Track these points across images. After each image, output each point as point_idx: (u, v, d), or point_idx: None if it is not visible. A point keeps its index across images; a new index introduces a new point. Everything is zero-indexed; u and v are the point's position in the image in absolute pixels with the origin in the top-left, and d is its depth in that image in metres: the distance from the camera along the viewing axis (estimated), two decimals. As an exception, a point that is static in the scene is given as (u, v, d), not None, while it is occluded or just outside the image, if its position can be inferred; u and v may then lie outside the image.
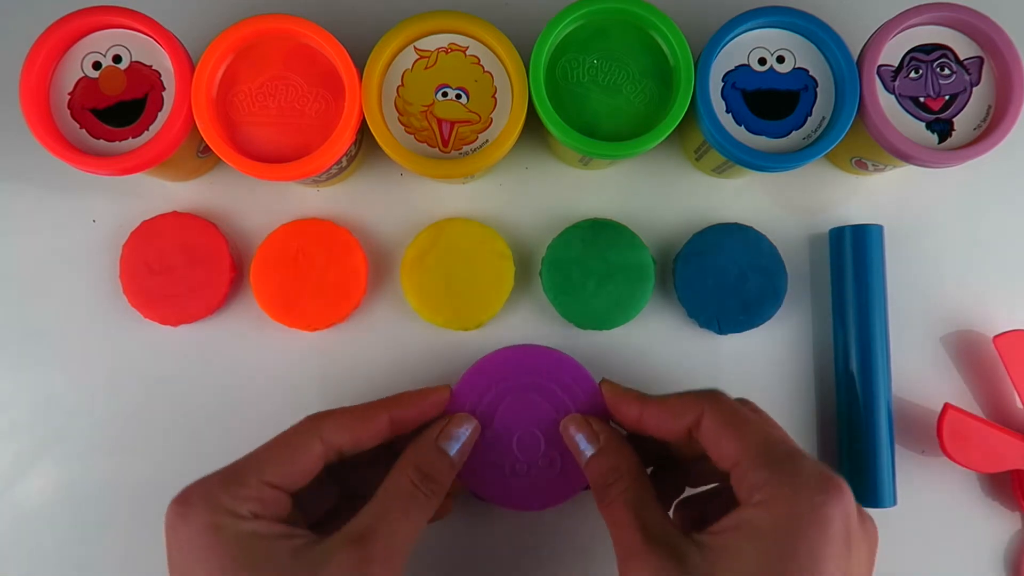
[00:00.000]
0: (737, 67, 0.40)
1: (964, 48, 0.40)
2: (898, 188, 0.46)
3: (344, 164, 0.41)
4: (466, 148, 0.39)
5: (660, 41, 0.39)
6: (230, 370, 0.44)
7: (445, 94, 0.39)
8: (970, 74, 0.40)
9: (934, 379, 0.45)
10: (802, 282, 0.45)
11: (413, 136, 0.39)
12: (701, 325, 0.43)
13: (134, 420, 0.44)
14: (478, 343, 0.44)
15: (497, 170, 0.45)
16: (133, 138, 0.39)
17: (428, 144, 0.39)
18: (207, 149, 0.41)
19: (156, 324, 0.43)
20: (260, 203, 0.45)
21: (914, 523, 0.43)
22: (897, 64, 0.40)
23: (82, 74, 0.39)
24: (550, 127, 0.38)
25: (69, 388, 0.44)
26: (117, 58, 0.39)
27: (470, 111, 0.39)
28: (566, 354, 0.38)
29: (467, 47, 0.40)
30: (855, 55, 0.39)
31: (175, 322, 0.43)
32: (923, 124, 0.40)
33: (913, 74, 0.40)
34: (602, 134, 0.39)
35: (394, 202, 0.45)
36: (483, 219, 0.44)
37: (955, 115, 0.40)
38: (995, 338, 0.43)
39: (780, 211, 0.46)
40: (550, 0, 0.40)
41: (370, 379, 0.44)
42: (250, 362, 0.44)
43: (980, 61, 0.40)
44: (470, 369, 0.38)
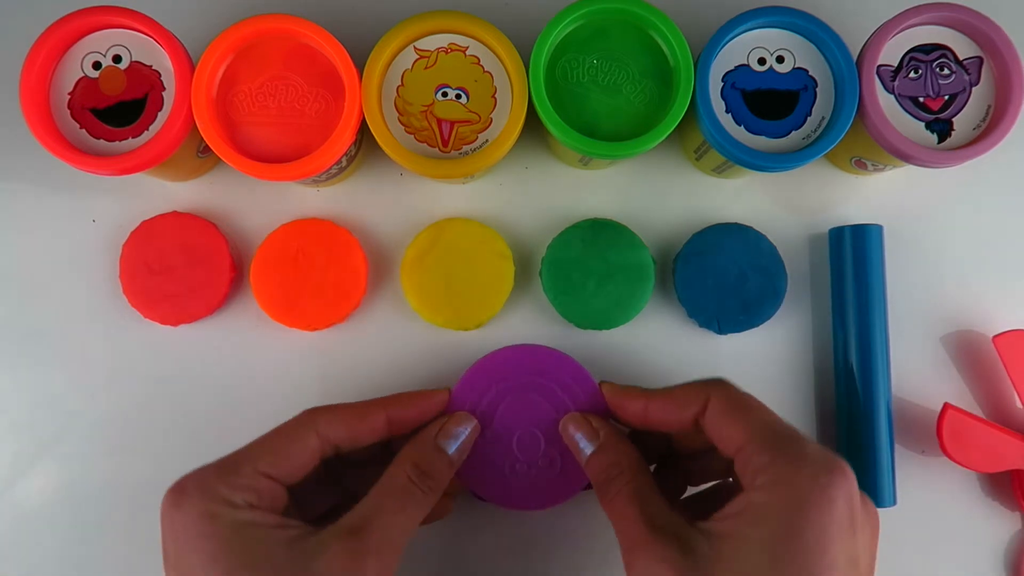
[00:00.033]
0: (737, 67, 0.40)
1: (964, 48, 0.40)
2: (898, 188, 0.46)
3: (344, 164, 0.41)
4: (466, 148, 0.39)
5: (660, 41, 0.39)
6: (230, 370, 0.44)
7: (445, 94, 0.39)
8: (969, 74, 0.40)
9: (934, 379, 0.45)
10: (802, 282, 0.45)
11: (413, 136, 0.39)
12: (701, 325, 0.43)
13: (134, 420, 0.44)
14: (478, 343, 0.44)
15: (497, 170, 0.45)
16: (133, 138, 0.39)
17: (428, 144, 0.39)
18: (207, 149, 0.41)
19: (156, 324, 0.43)
20: (260, 203, 0.45)
21: (914, 523, 0.43)
22: (897, 64, 0.40)
23: (82, 74, 0.39)
24: (550, 127, 0.38)
25: (69, 388, 0.44)
26: (117, 58, 0.39)
27: (470, 111, 0.39)
28: (566, 354, 0.38)
29: (467, 47, 0.40)
30: (855, 55, 0.39)
31: (175, 322, 0.43)
32: (923, 124, 0.40)
33: (912, 74, 0.40)
34: (602, 134, 0.39)
35: (394, 202, 0.45)
36: (483, 219, 0.44)
37: (955, 115, 0.40)
38: (995, 338, 0.43)
39: (780, 211, 0.46)
40: (550, 0, 0.40)
41: (370, 379, 0.44)
42: (250, 362, 0.44)
43: (980, 61, 0.40)
44: (470, 369, 0.38)
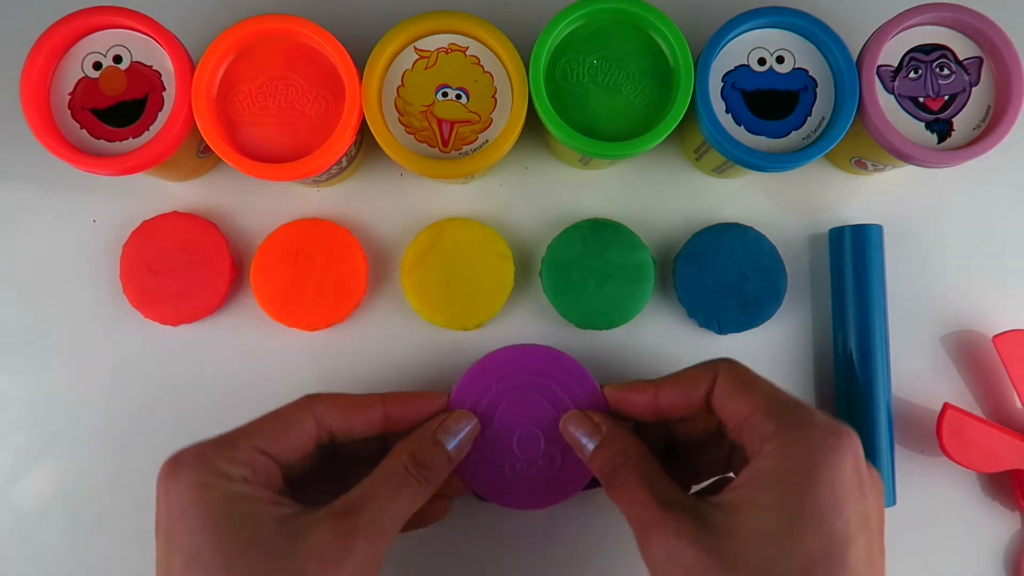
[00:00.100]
0: (737, 67, 0.40)
1: (963, 48, 0.40)
2: (898, 188, 0.46)
3: (344, 164, 0.41)
4: (466, 148, 0.39)
5: (660, 41, 0.39)
6: (230, 370, 0.44)
7: (445, 94, 0.39)
8: (969, 74, 0.40)
9: (934, 379, 0.45)
10: (802, 282, 0.45)
11: (413, 136, 0.39)
12: (701, 325, 0.43)
13: (134, 420, 0.44)
14: (478, 343, 0.44)
15: (497, 170, 0.45)
16: (133, 138, 0.39)
17: (428, 144, 0.39)
18: (207, 149, 0.41)
19: (156, 324, 0.43)
20: (260, 203, 0.45)
21: (914, 523, 0.43)
22: (896, 64, 0.40)
23: (82, 74, 0.39)
24: (550, 127, 0.38)
25: (69, 388, 0.44)
26: (117, 58, 0.39)
27: (470, 111, 0.39)
28: (566, 354, 0.38)
29: (467, 47, 0.40)
30: (855, 55, 0.39)
31: (175, 322, 0.43)
32: (923, 124, 0.40)
33: (912, 74, 0.40)
34: (602, 134, 0.39)
35: (394, 202, 0.45)
36: (483, 219, 0.44)
37: (954, 115, 0.40)
38: (995, 338, 0.43)
39: (780, 211, 0.46)
40: (550, 0, 0.40)
41: (370, 379, 0.44)
42: (250, 362, 0.44)
43: (979, 61, 0.40)
44: (470, 369, 0.38)
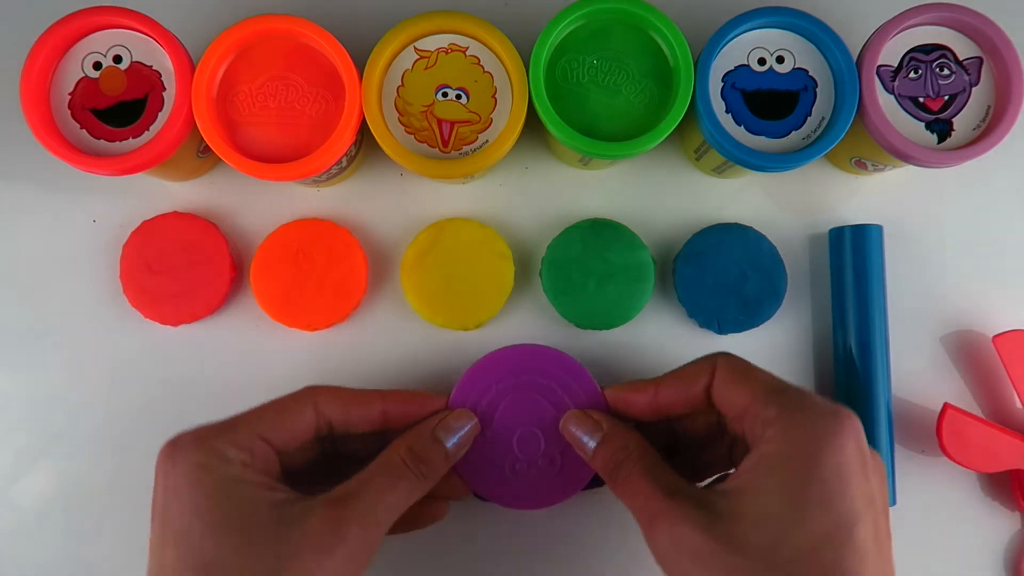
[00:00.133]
0: (737, 67, 0.40)
1: (963, 48, 0.40)
2: (898, 188, 0.46)
3: (344, 164, 0.41)
4: (466, 148, 0.39)
5: (660, 41, 0.39)
6: (230, 370, 0.44)
7: (445, 94, 0.39)
8: (969, 74, 0.40)
9: (934, 379, 0.45)
10: (802, 282, 0.45)
11: (413, 136, 0.39)
12: (701, 325, 0.43)
13: (134, 420, 0.44)
14: (478, 343, 0.44)
15: (497, 170, 0.45)
16: (133, 138, 0.39)
17: (428, 144, 0.39)
18: (207, 149, 0.41)
19: (156, 324, 0.43)
20: (260, 203, 0.45)
21: (914, 523, 0.43)
22: (896, 64, 0.40)
23: (82, 74, 0.39)
24: (550, 127, 0.38)
25: (69, 388, 0.44)
26: (117, 58, 0.39)
27: (470, 111, 0.39)
28: (566, 354, 0.38)
29: (467, 47, 0.40)
30: (855, 55, 0.39)
31: (175, 322, 0.43)
32: (923, 124, 0.40)
33: (912, 74, 0.40)
34: (602, 134, 0.39)
35: (394, 202, 0.45)
36: (483, 219, 0.44)
37: (954, 115, 0.40)
38: (995, 338, 0.43)
39: (780, 211, 0.46)
40: (550, 0, 0.40)
41: (370, 379, 0.44)
42: (250, 362, 0.44)
43: (979, 61, 0.40)
44: (470, 369, 0.38)
